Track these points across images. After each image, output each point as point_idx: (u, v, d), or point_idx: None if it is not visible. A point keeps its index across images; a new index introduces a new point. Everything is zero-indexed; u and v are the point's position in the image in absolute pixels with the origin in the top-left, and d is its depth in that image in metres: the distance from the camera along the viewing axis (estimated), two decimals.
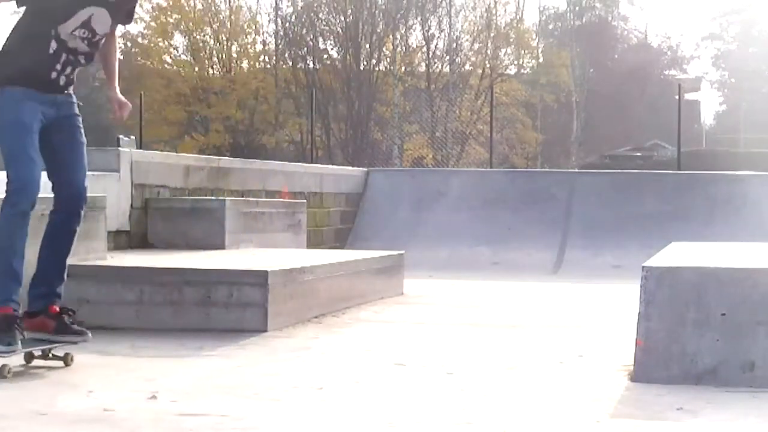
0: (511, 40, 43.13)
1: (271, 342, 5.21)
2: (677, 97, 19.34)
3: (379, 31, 40.25)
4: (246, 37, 41.36)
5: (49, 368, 4.35)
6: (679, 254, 5.16)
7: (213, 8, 40.50)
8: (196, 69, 39.88)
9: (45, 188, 6.30)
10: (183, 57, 40.80)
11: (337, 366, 4.57)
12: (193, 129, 40.29)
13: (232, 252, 7.47)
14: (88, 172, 4.76)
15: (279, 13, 41.94)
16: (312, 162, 22.80)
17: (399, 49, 40.77)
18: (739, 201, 11.87)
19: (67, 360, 4.43)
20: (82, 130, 4.81)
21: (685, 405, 3.74)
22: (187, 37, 40.40)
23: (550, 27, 50.99)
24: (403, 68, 40.50)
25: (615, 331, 5.63)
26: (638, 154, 33.28)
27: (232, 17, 40.64)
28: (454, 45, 41.55)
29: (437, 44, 41.77)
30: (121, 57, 42.05)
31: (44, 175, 4.52)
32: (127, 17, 4.83)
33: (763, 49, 51.97)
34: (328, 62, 40.39)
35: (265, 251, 7.72)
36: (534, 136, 43.69)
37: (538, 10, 59.82)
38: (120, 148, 7.94)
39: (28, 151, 4.40)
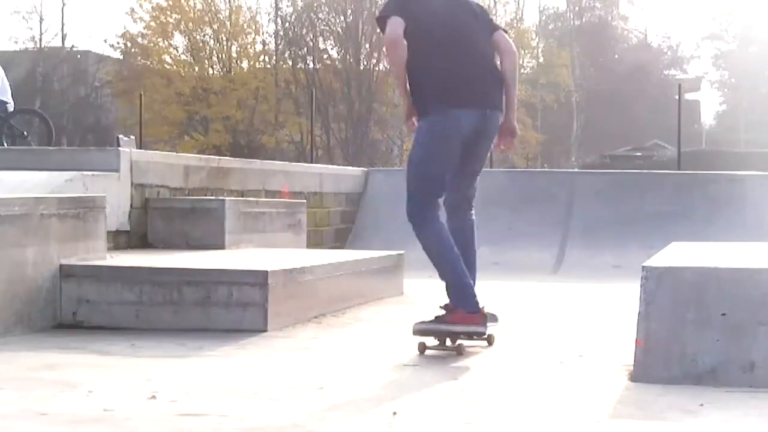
0: (511, 40, 43.08)
1: (271, 342, 5.21)
2: (677, 97, 19.34)
3: (378, 31, 40.25)
4: (246, 37, 41.39)
5: (50, 368, 4.35)
6: (679, 254, 5.16)
7: (213, 8, 40.52)
8: (196, 69, 39.90)
9: (46, 188, 6.29)
10: (183, 57, 40.83)
11: (337, 366, 4.57)
12: (193, 129, 40.32)
13: (232, 252, 7.47)
14: (87, 172, 4.84)
15: (279, 13, 41.98)
16: (312, 162, 22.81)
17: None
18: (739, 201, 11.86)
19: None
20: None
21: (685, 405, 3.74)
22: (187, 37, 40.42)
23: (550, 27, 51.05)
24: None
25: (615, 331, 5.63)
26: (638, 154, 33.30)
27: (232, 17, 40.65)
28: None
29: None
30: (121, 57, 42.21)
31: (44, 174, 4.54)
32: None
33: (763, 49, 51.96)
34: (328, 62, 40.41)
35: (265, 251, 7.72)
36: (534, 136, 43.73)
37: (538, 10, 59.85)
38: (120, 148, 7.94)
39: None
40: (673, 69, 52.66)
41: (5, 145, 12.49)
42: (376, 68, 40.07)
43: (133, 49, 41.29)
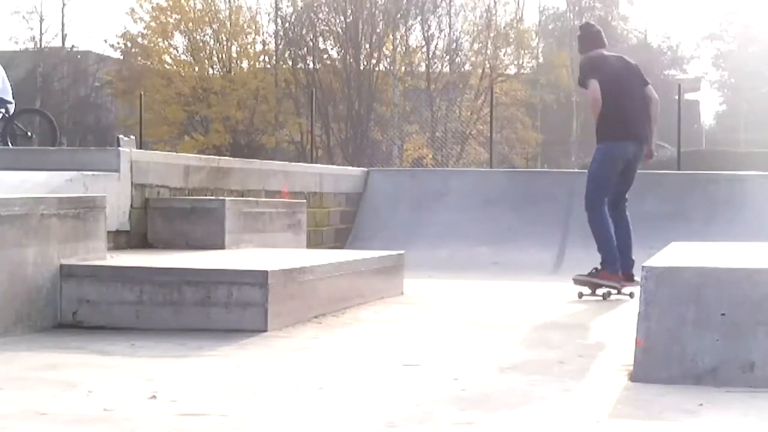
0: (511, 40, 43.15)
1: (271, 342, 5.21)
2: (677, 97, 19.35)
3: (379, 31, 40.25)
4: (246, 37, 41.37)
5: (50, 368, 4.35)
6: (679, 254, 5.16)
7: (213, 8, 40.51)
8: (196, 69, 39.88)
9: (46, 188, 6.30)
10: (183, 57, 40.81)
11: (337, 366, 4.57)
12: (193, 129, 40.31)
13: (232, 252, 7.48)
14: (87, 172, 4.91)
15: (279, 13, 41.96)
16: (312, 162, 22.82)
17: (399, 49, 40.79)
18: (739, 201, 11.87)
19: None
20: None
21: (685, 405, 3.75)
22: (187, 37, 40.41)
23: (550, 27, 51.07)
24: (403, 68, 40.51)
25: (615, 331, 5.63)
26: None
27: (232, 17, 40.65)
28: (454, 45, 41.57)
29: (437, 44, 41.81)
30: (121, 57, 42.21)
31: (44, 174, 4.55)
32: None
33: (763, 49, 51.96)
34: (328, 62, 40.39)
35: (265, 251, 7.73)
36: (534, 136, 43.73)
37: (538, 10, 59.88)
38: (120, 148, 7.94)
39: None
40: (673, 69, 52.64)
41: (10, 145, 12.50)
42: (376, 68, 40.07)
43: (133, 49, 41.27)
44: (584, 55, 7.98)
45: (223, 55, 40.52)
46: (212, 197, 8.56)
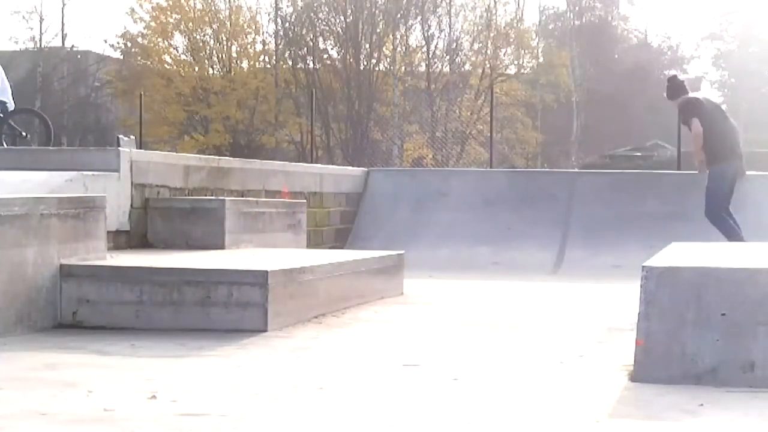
0: (511, 40, 43.18)
1: (271, 342, 5.21)
2: None
3: (379, 31, 40.28)
4: (246, 37, 41.40)
5: (50, 368, 4.35)
6: (679, 254, 5.16)
7: (213, 8, 40.53)
8: (196, 69, 39.90)
9: (46, 188, 6.29)
10: (183, 57, 40.83)
11: (337, 366, 4.57)
12: (193, 129, 40.34)
13: (232, 252, 7.48)
14: (87, 172, 4.88)
15: (279, 13, 41.98)
16: (312, 162, 22.83)
17: (399, 49, 40.81)
18: (739, 201, 11.85)
19: None
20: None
21: (685, 405, 3.75)
22: (187, 37, 40.44)
23: (550, 27, 51.08)
24: (403, 68, 40.53)
25: (615, 331, 5.63)
26: (638, 154, 33.25)
27: (232, 17, 40.66)
28: (454, 45, 41.59)
29: (437, 44, 41.85)
30: (121, 57, 42.22)
31: (44, 174, 4.54)
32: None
33: (763, 49, 51.97)
34: (328, 62, 40.41)
35: (265, 251, 7.73)
36: (534, 136, 43.76)
37: (538, 10, 59.91)
38: (120, 148, 7.94)
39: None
40: (673, 69, 52.58)
41: (5, 145, 12.50)
42: (376, 68, 40.08)
43: (133, 49, 41.30)
44: (681, 99, 10.31)
45: (223, 55, 40.55)
46: (212, 197, 8.56)
